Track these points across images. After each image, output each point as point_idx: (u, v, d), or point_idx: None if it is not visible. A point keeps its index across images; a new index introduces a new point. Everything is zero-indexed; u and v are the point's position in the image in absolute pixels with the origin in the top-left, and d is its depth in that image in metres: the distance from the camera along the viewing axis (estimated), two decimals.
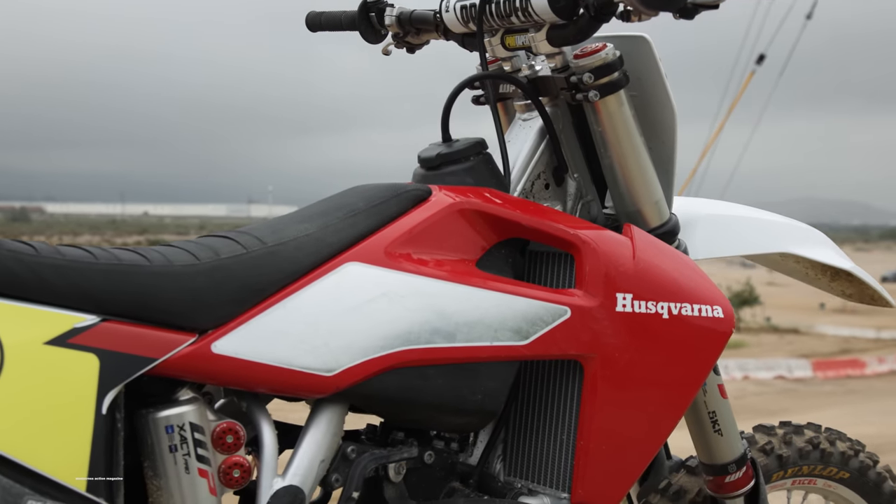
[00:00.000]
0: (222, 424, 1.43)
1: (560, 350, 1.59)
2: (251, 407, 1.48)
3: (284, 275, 1.46)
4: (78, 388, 1.28)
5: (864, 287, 2.14)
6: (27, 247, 1.31)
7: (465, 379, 1.55)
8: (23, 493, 1.22)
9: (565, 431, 1.64)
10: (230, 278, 1.42)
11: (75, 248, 1.36)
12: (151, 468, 1.39)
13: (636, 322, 1.61)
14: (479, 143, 1.72)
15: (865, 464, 2.22)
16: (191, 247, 1.46)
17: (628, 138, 1.74)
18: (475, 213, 1.61)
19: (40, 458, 1.24)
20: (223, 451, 1.43)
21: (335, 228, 1.53)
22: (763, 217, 2.06)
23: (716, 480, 2.00)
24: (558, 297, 1.59)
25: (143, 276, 1.36)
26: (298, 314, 1.44)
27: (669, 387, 1.66)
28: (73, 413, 1.28)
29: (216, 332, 1.39)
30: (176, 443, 1.38)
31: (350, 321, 1.46)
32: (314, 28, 2.10)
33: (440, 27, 1.90)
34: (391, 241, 1.53)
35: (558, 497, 1.64)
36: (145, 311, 1.35)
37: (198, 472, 1.39)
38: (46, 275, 1.29)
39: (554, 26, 1.71)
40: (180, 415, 1.39)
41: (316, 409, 1.51)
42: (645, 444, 1.66)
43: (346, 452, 1.53)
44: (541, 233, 1.62)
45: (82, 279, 1.32)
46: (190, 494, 1.39)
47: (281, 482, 1.45)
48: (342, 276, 1.48)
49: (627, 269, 1.62)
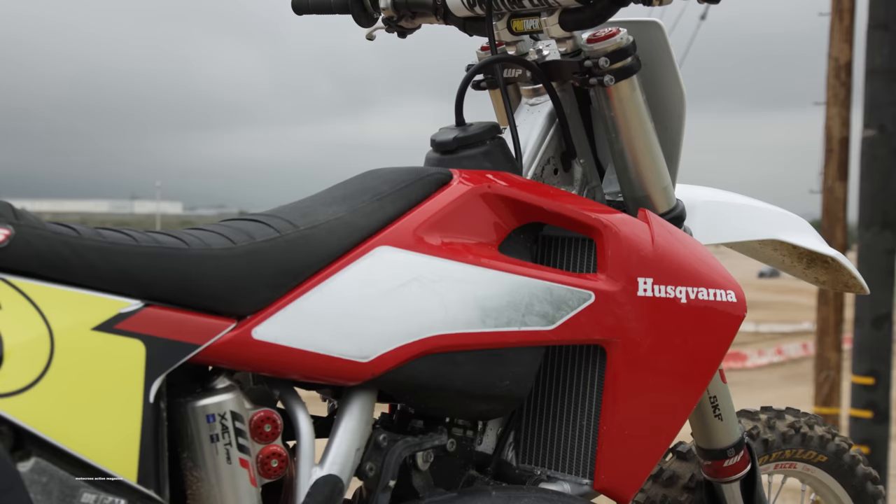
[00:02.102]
0: (259, 413, 1.39)
1: (585, 335, 1.58)
2: (285, 395, 1.45)
3: (318, 259, 1.43)
4: (126, 376, 1.24)
5: (839, 275, 2.19)
6: (69, 229, 1.26)
7: (494, 365, 1.53)
8: (78, 486, 1.18)
9: (585, 417, 1.64)
10: (267, 262, 1.38)
11: (114, 231, 1.32)
12: (191, 458, 1.35)
13: (656, 306, 1.62)
14: (494, 126, 1.70)
15: (841, 447, 2.27)
16: (224, 230, 1.41)
17: (640, 124, 1.75)
18: (497, 197, 1.59)
19: (93, 448, 1.19)
20: (261, 441, 1.39)
21: (364, 212, 1.50)
22: (753, 204, 2.09)
23: (714, 465, 2.02)
24: (582, 282, 1.58)
25: (184, 260, 1.32)
26: (334, 299, 1.41)
27: (687, 370, 1.67)
28: (123, 402, 1.23)
29: (255, 317, 1.36)
30: (217, 432, 1.34)
31: (384, 306, 1.44)
32: (300, 11, 2.05)
33: (440, 10, 1.88)
34: (419, 225, 1.51)
35: (579, 483, 1.64)
36: (187, 296, 1.31)
37: (239, 461, 1.36)
38: (91, 258, 1.24)
39: (567, 10, 1.71)
40: (220, 403, 1.35)
41: (348, 396, 1.48)
42: (665, 428, 1.67)
43: (377, 441, 1.51)
44: (563, 217, 1.62)
45: (126, 263, 1.27)
46: (231, 485, 1.35)
47: (319, 471, 1.42)
48: (374, 261, 1.46)
49: (648, 253, 1.63)
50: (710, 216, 1.97)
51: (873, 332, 7.92)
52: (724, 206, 2.03)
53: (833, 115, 8.88)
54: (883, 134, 8.10)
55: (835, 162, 8.82)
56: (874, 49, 8.14)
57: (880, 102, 8.12)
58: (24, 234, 1.20)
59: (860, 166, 8.20)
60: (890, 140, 8.08)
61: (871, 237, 7.75)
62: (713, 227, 1.96)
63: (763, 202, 2.13)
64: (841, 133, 8.84)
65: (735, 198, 2.10)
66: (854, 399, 7.99)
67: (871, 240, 7.81)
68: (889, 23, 8.12)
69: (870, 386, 7.97)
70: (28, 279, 1.20)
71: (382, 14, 1.96)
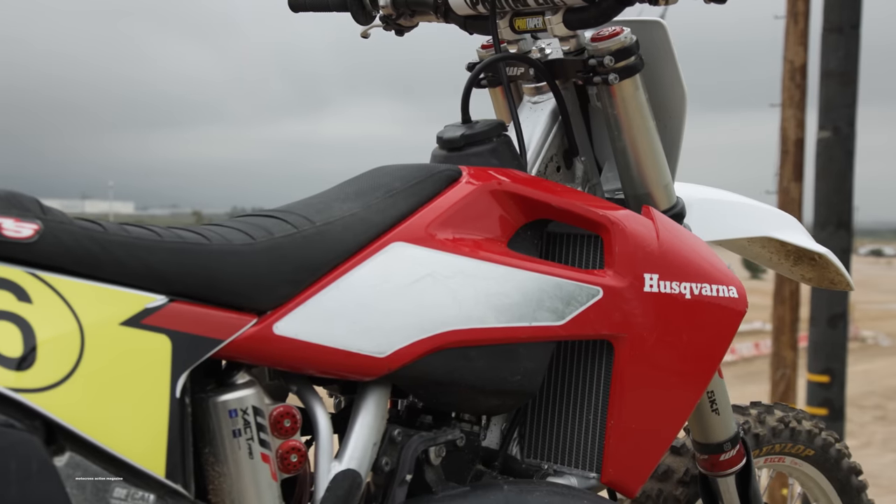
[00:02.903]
0: (279, 408, 1.40)
1: (593, 330, 1.60)
2: (302, 390, 1.45)
3: (335, 255, 1.43)
4: (153, 371, 1.24)
5: (825, 272, 2.23)
6: (94, 224, 1.26)
7: (506, 360, 1.55)
8: (110, 481, 1.17)
9: (592, 412, 1.66)
10: (286, 258, 1.39)
11: (138, 226, 1.31)
12: (213, 454, 1.35)
13: (662, 302, 1.64)
14: (500, 124, 1.72)
15: (828, 441, 2.31)
16: (241, 226, 1.41)
17: (642, 122, 1.77)
18: (506, 193, 1.61)
19: (123, 443, 1.19)
20: (280, 436, 1.40)
21: (378, 208, 1.51)
22: (746, 202, 2.13)
23: (710, 459, 2.05)
24: (591, 278, 1.60)
25: (206, 256, 1.32)
26: (351, 295, 1.42)
27: (692, 365, 1.70)
28: (150, 397, 1.23)
29: (275, 312, 1.36)
30: (239, 427, 1.34)
31: (399, 302, 1.45)
32: (297, 9, 2.05)
33: (440, 9, 1.89)
34: (431, 221, 1.52)
35: (586, 477, 1.66)
36: (210, 291, 1.31)
37: (261, 456, 1.36)
38: (118, 253, 1.24)
39: (571, 9, 1.72)
40: (241, 398, 1.35)
41: (363, 392, 1.49)
42: (670, 422, 1.69)
43: (392, 436, 1.52)
44: (571, 213, 1.63)
45: (152, 258, 1.27)
46: (253, 480, 1.35)
47: (338, 466, 1.42)
48: (389, 257, 1.47)
49: (653, 249, 1.65)
50: (706, 214, 2.00)
51: (829, 330, 8.03)
52: (718, 204, 2.06)
53: (788, 117, 8.98)
54: (837, 135, 8.22)
55: (790, 163, 8.92)
56: (829, 52, 8.26)
57: (835, 104, 8.24)
58: (53, 230, 1.20)
59: (815, 167, 8.32)
60: (845, 142, 8.20)
61: (827, 237, 7.85)
62: (708, 224, 1.99)
63: (754, 200, 2.16)
64: (796, 134, 8.95)
65: (728, 196, 2.13)
66: (810, 397, 8.10)
67: (826, 239, 7.90)
68: (843, 26, 8.25)
69: (825, 384, 8.08)
70: (57, 274, 1.19)
71: (381, 12, 1.97)
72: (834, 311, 8.01)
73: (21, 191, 1.22)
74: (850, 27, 8.33)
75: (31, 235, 1.18)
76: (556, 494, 1.56)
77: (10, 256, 1.16)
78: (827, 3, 8.19)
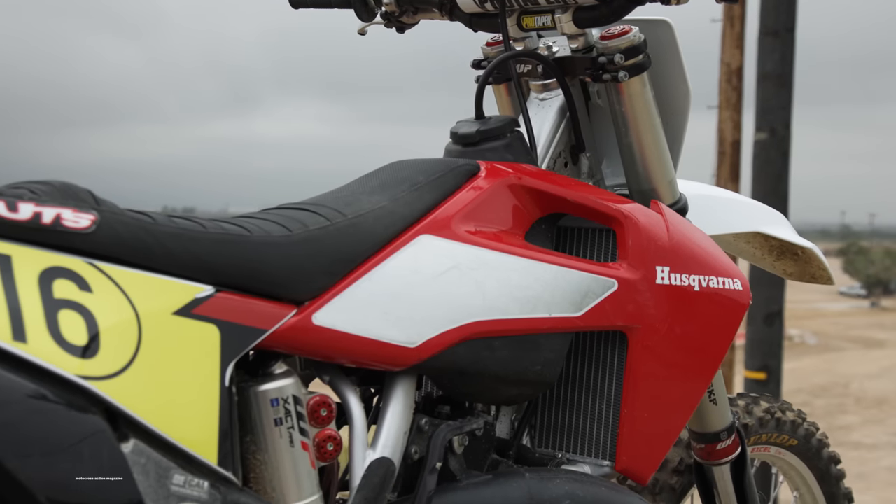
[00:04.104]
0: (315, 398, 1.42)
1: (609, 321, 1.64)
2: (335, 380, 1.47)
3: (367, 246, 1.46)
4: (205, 360, 1.25)
5: (807, 266, 2.29)
6: (145, 215, 1.27)
7: (527, 350, 1.58)
8: (169, 467, 1.19)
9: (605, 401, 1.70)
10: (322, 250, 1.41)
11: (184, 218, 1.32)
12: (254, 442, 1.36)
13: (673, 294, 1.69)
14: (513, 120, 1.74)
15: (810, 431, 2.37)
16: (276, 218, 1.43)
17: (648, 119, 1.81)
18: (523, 188, 1.64)
19: (179, 431, 1.20)
20: (317, 425, 1.41)
21: (405, 201, 1.53)
22: (735, 198, 2.18)
23: (707, 448, 2.10)
24: (606, 270, 1.64)
25: (249, 247, 1.33)
26: (383, 286, 1.44)
27: (700, 355, 1.74)
28: (202, 385, 1.24)
29: (313, 303, 1.38)
30: (281, 416, 1.36)
31: (428, 293, 1.47)
32: (298, 5, 2.05)
33: (446, 6, 1.91)
34: (454, 214, 1.55)
35: (600, 465, 1.69)
36: (252, 282, 1.33)
37: (301, 445, 1.38)
38: (169, 244, 1.25)
39: (582, 7, 1.76)
40: (282, 388, 1.37)
41: (392, 382, 1.51)
42: (680, 411, 1.74)
43: (420, 425, 1.54)
44: (585, 207, 1.67)
45: (199, 249, 1.28)
46: (293, 468, 1.37)
47: (372, 454, 1.45)
48: (418, 249, 1.49)
49: (664, 243, 1.69)
50: (699, 209, 2.04)
51: (765, 328, 8.17)
52: (710, 200, 2.11)
53: (725, 119, 9.13)
54: (774, 137, 8.37)
55: (727, 164, 9.07)
56: (765, 55, 8.41)
57: (772, 106, 8.39)
58: (108, 220, 1.21)
59: (752, 168, 8.47)
60: (781, 143, 8.36)
61: None
62: (701, 219, 2.03)
63: (744, 196, 2.21)
64: (733, 136, 9.10)
65: (718, 191, 2.19)
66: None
67: None
68: (779, 30, 8.40)
69: (762, 381, 8.22)
70: (112, 264, 1.20)
71: (384, 8, 1.98)
72: (770, 310, 8.15)
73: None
74: (786, 30, 8.50)
75: (89, 226, 1.18)
76: (574, 482, 1.60)
77: (69, 246, 1.17)
78: (763, 7, 8.34)
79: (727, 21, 9.12)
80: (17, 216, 1.14)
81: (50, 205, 1.17)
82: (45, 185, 1.21)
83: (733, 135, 9.09)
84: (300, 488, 1.38)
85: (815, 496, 2.42)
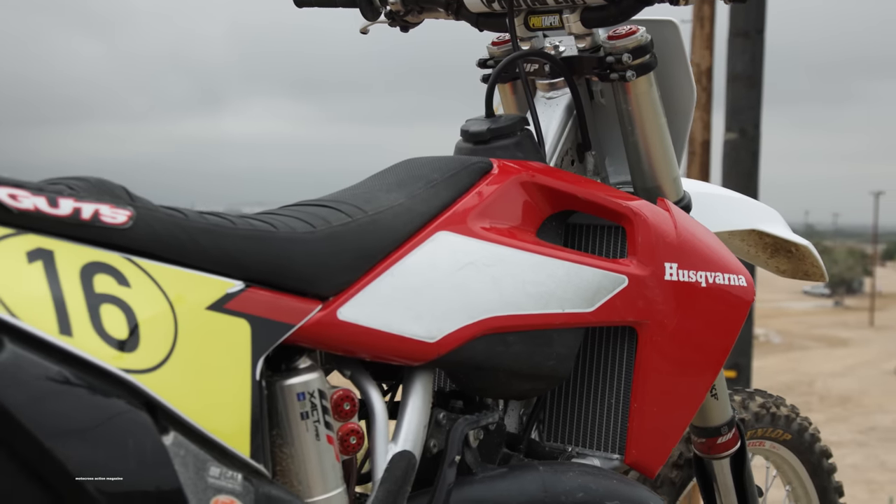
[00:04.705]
0: (339, 392, 1.43)
1: (619, 317, 1.67)
2: (356, 374, 1.49)
3: (388, 242, 1.47)
4: (237, 354, 1.26)
5: (801, 263, 2.32)
6: (177, 211, 1.28)
7: (541, 345, 1.60)
8: (206, 460, 1.20)
9: (614, 395, 1.72)
10: (346, 246, 1.42)
11: (212, 214, 1.34)
12: (281, 436, 1.37)
13: (681, 290, 1.71)
14: (523, 118, 1.77)
15: (803, 426, 2.41)
16: (299, 214, 1.45)
17: (655, 118, 1.84)
18: (535, 185, 1.67)
19: (214, 424, 1.22)
20: (340, 419, 1.43)
21: (422, 198, 1.55)
22: (733, 196, 2.21)
23: (707, 442, 2.13)
24: (616, 266, 1.67)
25: (277, 243, 1.35)
26: (404, 281, 1.46)
27: (707, 350, 1.77)
28: (235, 379, 1.25)
29: (337, 299, 1.39)
30: (307, 410, 1.38)
31: (447, 289, 1.50)
32: (302, 3, 2.07)
33: (452, 5, 1.93)
34: (470, 211, 1.57)
35: (609, 459, 1.72)
36: (279, 278, 1.34)
37: (326, 438, 1.39)
38: (201, 240, 1.27)
39: (590, 7, 1.78)
40: (308, 382, 1.38)
41: (411, 376, 1.53)
42: (688, 405, 1.77)
43: (437, 419, 1.56)
44: (595, 205, 1.70)
45: (230, 245, 1.30)
46: (319, 461, 1.38)
47: (394, 447, 1.47)
48: (436, 245, 1.51)
49: (672, 239, 1.72)
50: (699, 207, 2.07)
51: None
52: (710, 198, 2.14)
53: (695, 119, 9.20)
54: (744, 137, 8.48)
55: (697, 164, 9.13)
56: (735, 56, 8.51)
57: (741, 107, 8.50)
58: (144, 216, 1.22)
59: (722, 168, 8.56)
60: (750, 143, 8.46)
61: None
62: (702, 217, 2.06)
63: (740, 194, 2.25)
64: (703, 136, 9.16)
65: (716, 189, 2.22)
66: None
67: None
68: (749, 31, 8.50)
69: (732, 379, 8.31)
70: (147, 259, 1.22)
71: (389, 7, 2.00)
72: None
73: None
74: (756, 31, 8.61)
75: (126, 221, 1.20)
76: (587, 474, 1.62)
77: (107, 241, 1.18)
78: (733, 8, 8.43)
79: (697, 22, 9.18)
80: (58, 212, 1.15)
81: (88, 200, 1.18)
82: (81, 182, 1.22)
83: (703, 135, 9.15)
84: (325, 481, 1.39)
85: (807, 490, 2.46)
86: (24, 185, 1.15)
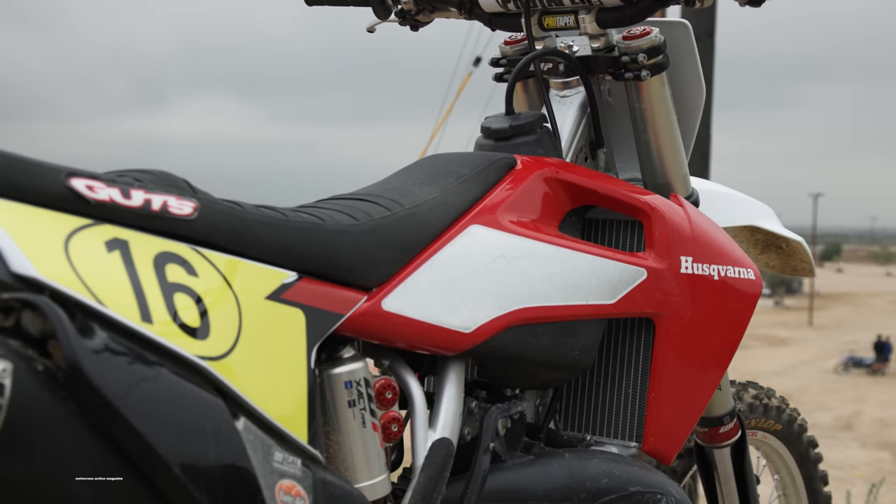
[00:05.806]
0: (381, 381, 1.47)
1: (639, 308, 1.72)
2: (394, 364, 1.53)
3: (425, 235, 1.52)
4: (294, 343, 1.30)
5: (790, 259, 2.40)
6: (235, 204, 1.31)
7: (566, 336, 1.65)
8: (271, 445, 1.23)
9: (633, 385, 1.78)
10: (387, 238, 1.46)
11: (266, 207, 1.37)
12: (328, 423, 1.41)
13: (695, 282, 1.77)
14: (542, 116, 1.82)
15: (792, 416, 2.48)
16: (341, 208, 1.48)
17: (666, 116, 1.90)
18: (557, 180, 1.72)
19: (276, 410, 1.25)
20: (382, 407, 1.47)
21: (454, 192, 1.60)
22: (729, 192, 2.28)
23: (710, 432, 2.19)
24: (636, 260, 1.72)
25: (325, 235, 1.39)
26: (441, 273, 1.51)
27: (719, 341, 1.83)
28: (293, 367, 1.29)
29: (381, 290, 1.43)
30: (354, 398, 1.41)
31: (480, 281, 1.54)
32: (312, 1, 2.09)
33: (465, 5, 1.97)
34: (499, 205, 1.62)
35: (627, 447, 1.77)
36: (329, 269, 1.38)
37: (371, 426, 1.43)
38: (259, 231, 1.30)
39: (605, 8, 1.84)
40: (354, 371, 1.42)
41: (445, 365, 1.57)
42: (701, 394, 1.83)
43: (470, 408, 1.61)
44: (614, 200, 1.75)
45: (284, 236, 1.33)
46: (364, 448, 1.42)
47: (433, 435, 1.51)
48: (469, 238, 1.56)
49: (687, 234, 1.78)
50: (701, 204, 2.13)
51: None
52: (709, 195, 2.20)
53: None
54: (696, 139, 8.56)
55: None
56: None
57: None
58: (206, 208, 1.25)
59: None
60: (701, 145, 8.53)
61: None
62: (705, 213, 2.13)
63: (736, 190, 2.31)
64: None
65: (714, 186, 2.28)
66: None
67: None
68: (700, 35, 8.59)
69: None
70: (211, 250, 1.25)
71: (401, 6, 2.03)
72: None
73: None
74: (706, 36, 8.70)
75: (191, 213, 1.23)
76: (610, 461, 1.68)
77: (174, 232, 1.21)
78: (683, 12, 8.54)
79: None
80: (131, 203, 1.17)
81: (156, 192, 1.21)
82: (147, 174, 1.25)
83: None
84: (370, 468, 1.43)
85: (794, 479, 2.54)
86: (99, 176, 1.17)
